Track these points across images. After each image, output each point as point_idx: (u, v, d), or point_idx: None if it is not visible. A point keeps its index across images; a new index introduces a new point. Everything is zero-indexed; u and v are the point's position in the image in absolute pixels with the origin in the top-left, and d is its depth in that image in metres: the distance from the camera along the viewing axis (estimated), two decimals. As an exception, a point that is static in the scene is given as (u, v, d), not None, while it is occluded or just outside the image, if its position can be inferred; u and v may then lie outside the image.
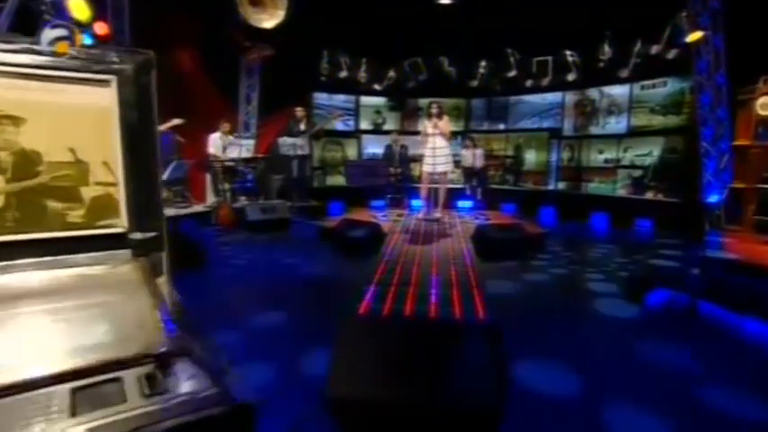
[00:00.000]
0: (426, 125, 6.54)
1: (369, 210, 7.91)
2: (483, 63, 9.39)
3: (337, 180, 9.61)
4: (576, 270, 4.69)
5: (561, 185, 9.06)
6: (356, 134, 9.86)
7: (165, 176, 6.04)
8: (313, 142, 8.84)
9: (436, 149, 6.48)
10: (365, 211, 7.52)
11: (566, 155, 9.00)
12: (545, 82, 8.91)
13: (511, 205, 8.73)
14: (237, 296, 3.84)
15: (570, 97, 8.87)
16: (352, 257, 5.04)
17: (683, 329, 3.20)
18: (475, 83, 9.55)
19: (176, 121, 6.17)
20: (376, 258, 4.59)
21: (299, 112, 7.75)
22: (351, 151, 9.84)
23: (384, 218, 7.00)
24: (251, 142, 7.34)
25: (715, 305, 3.48)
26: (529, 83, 9.11)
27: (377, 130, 9.94)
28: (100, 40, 6.17)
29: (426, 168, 6.63)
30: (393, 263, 4.41)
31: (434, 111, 6.42)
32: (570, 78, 8.56)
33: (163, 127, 6.06)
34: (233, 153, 7.01)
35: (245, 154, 7.15)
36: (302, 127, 7.74)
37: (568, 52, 8.45)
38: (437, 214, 6.85)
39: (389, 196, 8.64)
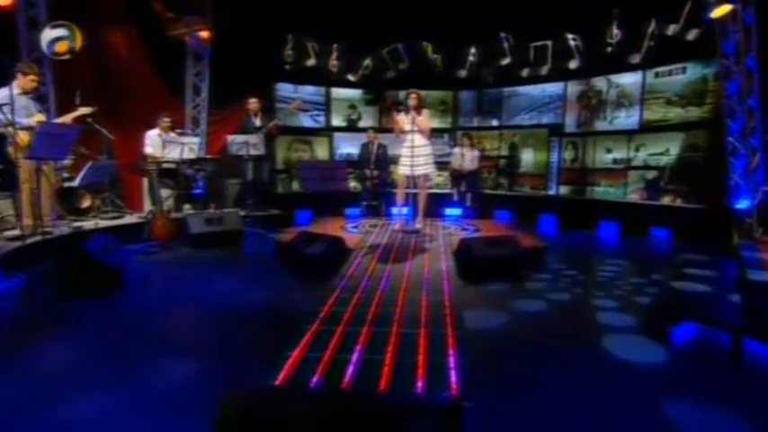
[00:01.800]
0: (403, 120, 6.01)
1: (342, 219, 7.48)
2: (472, 50, 8.92)
3: (306, 185, 9.06)
4: (581, 295, 4.09)
5: (563, 190, 8.72)
6: (327, 132, 9.39)
7: (77, 181, 5.33)
8: (275, 140, 8.23)
9: (414, 149, 5.99)
10: (335, 222, 7.04)
11: (568, 155, 8.64)
12: (544, 71, 8.50)
13: (505, 213, 8.40)
14: (140, 336, 3.14)
15: (573, 88, 8.50)
16: (305, 280, 4.46)
17: (727, 380, 2.56)
18: (463, 73, 9.08)
19: (84, 110, 5.42)
20: (333, 282, 3.99)
21: (253, 104, 7.19)
22: (321, 151, 9.35)
23: (354, 229, 6.58)
24: (195, 140, 6.69)
25: (764, 344, 2.85)
26: (525, 72, 8.72)
27: (351, 127, 9.48)
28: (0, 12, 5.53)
29: (403, 171, 6.15)
30: (351, 289, 3.83)
31: (412, 102, 5.92)
32: (573, 66, 8.14)
33: (68, 117, 5.37)
34: (172, 153, 6.32)
35: (189, 154, 6.47)
36: (257, 122, 7.16)
37: (570, 36, 8.04)
38: (417, 225, 6.39)
39: (365, 204, 8.31)
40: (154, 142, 6.63)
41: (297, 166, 7.30)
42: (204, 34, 7.25)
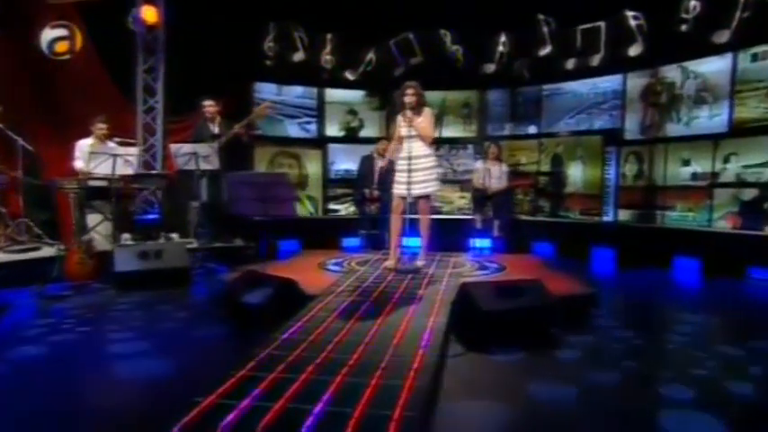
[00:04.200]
0: (399, 122, 5.52)
1: (334, 252, 7.07)
2: (503, 38, 8.59)
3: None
4: (638, 374, 3.15)
5: (624, 215, 8.09)
6: (320, 143, 9.03)
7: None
8: (251, 150, 7.93)
9: (412, 161, 5.38)
10: (317, 256, 6.56)
11: (630, 169, 8.02)
12: (595, 61, 8.03)
13: (547, 245, 8.05)
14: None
15: (635, 81, 7.87)
16: (226, 342, 3.88)
17: None
18: (491, 67, 8.76)
19: None
20: (254, 351, 3.08)
21: (210, 107, 6.64)
22: (312, 167, 8.93)
23: (336, 266, 6.00)
24: (132, 151, 6.17)
25: None
26: (571, 63, 8.26)
27: (351, 137, 9.09)
28: None
29: (398, 191, 5.53)
30: (272, 363, 2.88)
31: (408, 99, 5.37)
32: (634, 53, 7.60)
33: None
34: (101, 167, 5.80)
35: (125, 169, 5.94)
36: (215, 129, 6.60)
37: (630, 13, 7.53)
38: (418, 262, 5.71)
39: (363, 233, 7.96)
40: (84, 154, 6.13)
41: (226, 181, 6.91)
42: (150, 17, 6.75)
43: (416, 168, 5.34)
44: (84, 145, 6.18)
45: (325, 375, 2.70)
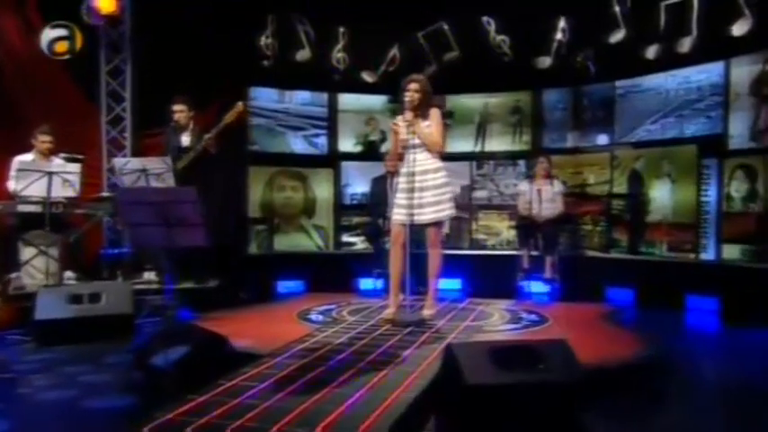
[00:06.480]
0: (398, 125, 5.31)
1: (339, 296, 6.94)
2: (561, 23, 8.17)
3: (296, 241, 8.57)
4: None
5: (729, 251, 7.31)
6: (332, 160, 8.84)
7: None
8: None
9: (417, 177, 5.15)
10: (319, 300, 6.60)
11: (738, 188, 7.32)
12: (685, 46, 7.35)
13: (625, 291, 7.45)
14: None
15: (741, 70, 7.18)
16: (126, 417, 3.44)
17: None
18: (547, 61, 8.28)
19: None
20: None
21: (179, 112, 6.43)
22: (322, 190, 8.69)
23: (319, 316, 5.84)
24: (72, 168, 5.99)
25: None
26: (652, 52, 7.61)
27: (369, 154, 8.82)
28: None
29: (397, 216, 5.28)
30: None
31: (408, 96, 5.21)
32: (739, 31, 6.90)
33: None
34: (35, 188, 5.64)
35: (64, 191, 5.79)
36: (185, 141, 6.42)
37: None
38: (425, 311, 5.31)
39: (377, 272, 7.62)
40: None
41: (116, 199, 6.60)
42: (105, 6, 6.70)
43: (424, 187, 5.09)
44: (20, 162, 6.05)
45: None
